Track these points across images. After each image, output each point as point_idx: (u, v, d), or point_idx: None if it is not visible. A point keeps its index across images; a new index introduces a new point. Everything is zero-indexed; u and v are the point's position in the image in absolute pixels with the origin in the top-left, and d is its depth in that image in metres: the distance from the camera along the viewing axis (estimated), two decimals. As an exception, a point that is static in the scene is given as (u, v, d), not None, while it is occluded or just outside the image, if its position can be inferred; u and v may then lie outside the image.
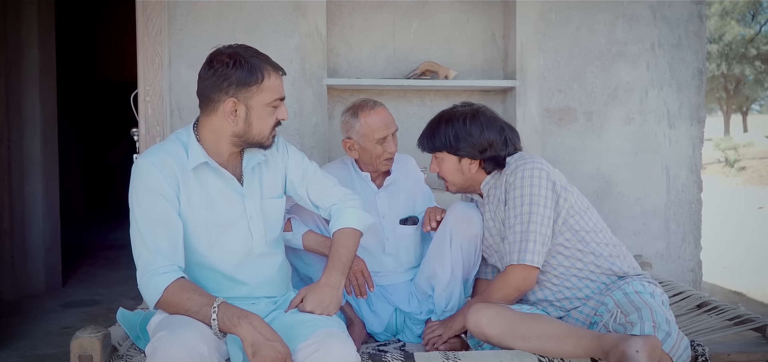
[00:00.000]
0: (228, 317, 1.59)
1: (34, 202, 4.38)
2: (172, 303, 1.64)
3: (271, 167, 1.94)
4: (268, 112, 1.77)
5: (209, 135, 1.79)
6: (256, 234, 1.85)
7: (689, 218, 3.35)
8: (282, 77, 1.81)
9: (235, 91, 1.72)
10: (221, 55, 1.74)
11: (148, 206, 1.70)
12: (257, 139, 1.80)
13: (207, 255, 1.80)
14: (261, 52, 1.79)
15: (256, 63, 1.74)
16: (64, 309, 4.05)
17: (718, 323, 2.24)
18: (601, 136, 3.30)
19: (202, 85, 1.77)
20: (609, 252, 2.04)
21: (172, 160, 1.76)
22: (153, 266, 1.66)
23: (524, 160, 2.07)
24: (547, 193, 1.99)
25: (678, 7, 3.29)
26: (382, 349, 2.20)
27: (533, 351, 1.85)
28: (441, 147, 2.12)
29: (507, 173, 2.08)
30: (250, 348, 1.56)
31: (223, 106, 1.73)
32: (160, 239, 1.68)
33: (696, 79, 3.33)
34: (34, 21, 4.30)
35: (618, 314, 1.84)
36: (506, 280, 2.03)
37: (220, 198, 1.81)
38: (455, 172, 2.15)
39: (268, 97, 1.75)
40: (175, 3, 3.01)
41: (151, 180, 1.72)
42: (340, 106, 3.21)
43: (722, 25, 21.49)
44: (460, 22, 3.29)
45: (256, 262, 1.86)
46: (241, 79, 1.71)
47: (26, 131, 4.34)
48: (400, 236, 2.42)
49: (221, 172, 1.80)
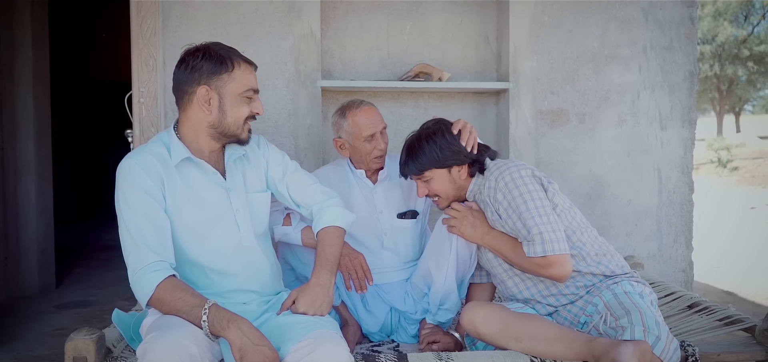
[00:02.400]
0: (217, 320, 1.60)
1: (28, 203, 4.37)
2: (164, 301, 1.66)
3: (253, 163, 1.98)
4: (240, 101, 1.82)
5: (188, 131, 1.84)
6: (243, 226, 1.87)
7: (681, 219, 3.38)
8: (254, 72, 1.86)
9: (206, 80, 1.78)
10: (191, 50, 1.83)
11: (135, 204, 1.72)
12: (232, 131, 1.83)
13: (197, 250, 1.81)
14: (231, 47, 1.86)
15: (226, 53, 1.81)
16: (57, 311, 4.04)
17: (709, 323, 2.26)
18: (594, 138, 3.32)
19: (176, 81, 1.84)
20: (595, 250, 2.06)
21: (155, 159, 1.79)
22: (144, 263, 1.68)
23: (505, 165, 2.09)
24: (536, 187, 2.02)
25: (669, 9, 3.32)
26: (376, 350, 2.21)
27: (526, 352, 1.88)
28: (429, 164, 2.13)
29: (491, 181, 2.09)
30: (238, 353, 1.57)
31: (197, 95, 1.79)
32: (148, 236, 1.70)
33: (687, 81, 3.36)
34: (28, 21, 4.29)
35: (608, 316, 1.86)
36: (544, 270, 1.98)
37: (205, 192, 1.83)
38: (447, 184, 2.16)
39: (239, 86, 1.81)
40: (169, 4, 3.02)
41: (136, 179, 1.74)
42: (335, 107, 3.22)
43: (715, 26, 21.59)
44: (454, 24, 3.31)
45: (246, 256, 1.88)
46: (212, 68, 1.78)
47: (19, 132, 4.33)
48: (398, 230, 2.44)
49: (204, 166, 1.84)
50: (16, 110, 4.30)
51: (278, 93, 3.10)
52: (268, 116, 3.09)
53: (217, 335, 1.62)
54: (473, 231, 2.12)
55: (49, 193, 4.59)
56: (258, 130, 2.72)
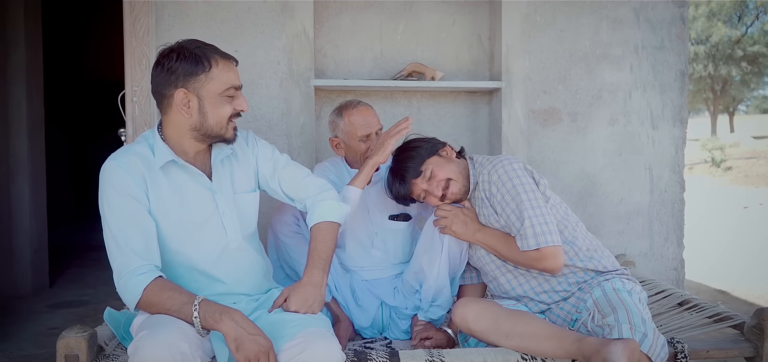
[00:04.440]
0: (209, 314, 1.60)
1: (21, 202, 4.36)
2: (153, 303, 1.64)
3: (242, 161, 1.93)
4: (221, 101, 1.75)
5: (172, 133, 1.79)
6: (230, 229, 1.84)
7: (672, 218, 3.40)
8: (235, 66, 1.79)
9: (183, 82, 1.72)
10: (166, 51, 1.75)
11: (118, 208, 1.70)
12: (216, 131, 1.78)
13: (184, 254, 1.80)
14: (210, 43, 1.79)
15: (201, 53, 1.73)
16: (51, 310, 4.03)
17: (699, 320, 2.27)
18: (586, 137, 3.34)
19: (154, 84, 1.78)
20: (586, 245, 2.08)
21: (138, 160, 1.76)
22: (129, 268, 1.66)
23: (498, 159, 2.11)
24: (528, 180, 2.04)
25: (661, 9, 3.34)
26: (368, 347, 2.22)
27: (516, 349, 1.89)
28: (423, 157, 2.16)
29: (485, 176, 2.11)
30: (234, 344, 1.57)
31: (175, 99, 1.73)
32: (133, 240, 1.68)
33: (678, 81, 3.38)
34: (21, 20, 4.28)
35: (595, 314, 1.87)
36: (538, 263, 2.01)
37: (191, 195, 1.80)
38: (446, 165, 2.17)
39: (218, 85, 1.74)
40: (162, 4, 3.02)
41: (118, 182, 1.71)
42: (328, 106, 3.23)
43: (709, 26, 21.70)
44: (447, 23, 3.32)
45: (234, 259, 1.86)
46: (188, 69, 1.71)
47: (12, 131, 4.32)
48: (389, 231, 2.46)
49: (189, 168, 1.80)
50: (9, 109, 4.29)
51: (271, 92, 3.11)
52: (262, 115, 3.09)
53: (210, 329, 1.61)
54: (465, 229, 2.14)
55: (42, 193, 4.58)
56: (251, 129, 2.72)
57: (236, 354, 1.56)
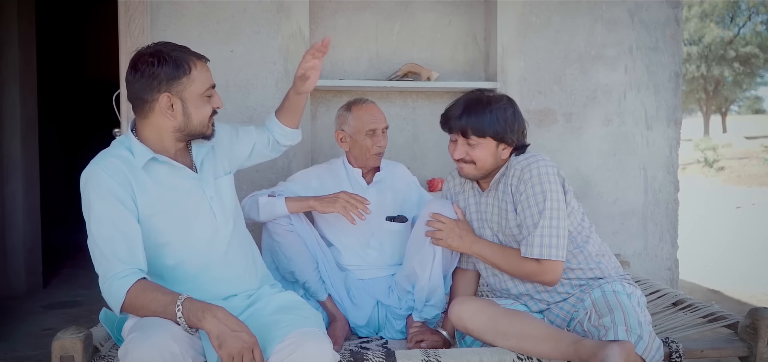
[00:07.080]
0: (192, 312, 1.57)
1: (15, 203, 4.34)
2: (137, 305, 1.63)
3: (217, 151, 1.99)
4: (202, 101, 1.80)
5: (151, 135, 1.81)
6: (218, 212, 1.87)
7: (666, 218, 3.42)
8: (208, 66, 1.84)
9: (166, 87, 1.75)
10: (144, 56, 1.76)
11: (101, 213, 1.69)
12: (199, 130, 1.83)
13: (176, 248, 1.79)
14: (180, 44, 1.82)
15: (180, 56, 1.77)
16: (45, 311, 4.02)
17: (693, 320, 2.29)
18: (580, 137, 3.35)
19: (131, 89, 1.78)
20: (597, 251, 2.07)
21: (120, 162, 1.75)
22: (112, 272, 1.65)
23: (534, 157, 2.04)
24: (558, 188, 1.99)
25: (655, 10, 3.36)
26: (365, 347, 2.22)
27: (512, 349, 1.89)
28: (487, 131, 2.02)
29: (516, 170, 2.04)
30: (216, 341, 1.53)
31: (159, 103, 1.75)
32: (116, 245, 1.66)
33: (673, 82, 3.40)
34: (14, 19, 4.26)
35: (592, 314, 1.88)
36: (536, 276, 1.99)
37: (177, 188, 1.81)
38: (490, 156, 2.06)
39: (199, 87, 1.79)
40: (157, 3, 3.01)
41: (101, 185, 1.70)
42: (324, 107, 3.23)
43: (702, 27, 21.81)
44: (442, 24, 3.32)
45: (224, 242, 1.87)
46: (170, 74, 1.74)
47: (6, 131, 4.30)
48: (385, 232, 2.49)
49: (172, 163, 1.82)
50: (2, 109, 4.26)
51: (267, 92, 3.11)
52: (257, 115, 3.09)
53: (194, 327, 1.60)
54: (461, 242, 2.12)
55: (35, 193, 4.56)
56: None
57: (219, 351, 1.53)
